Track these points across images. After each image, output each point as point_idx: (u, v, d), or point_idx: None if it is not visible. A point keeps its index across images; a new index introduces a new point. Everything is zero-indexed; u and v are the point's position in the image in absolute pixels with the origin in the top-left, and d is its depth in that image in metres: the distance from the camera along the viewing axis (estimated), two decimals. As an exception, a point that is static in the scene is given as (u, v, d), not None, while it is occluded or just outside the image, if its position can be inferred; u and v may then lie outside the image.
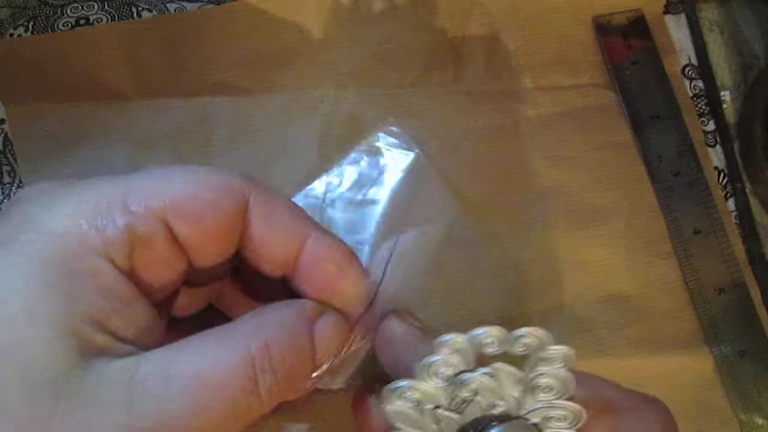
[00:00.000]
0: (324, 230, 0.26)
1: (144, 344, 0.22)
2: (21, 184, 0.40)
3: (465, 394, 0.24)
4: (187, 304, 0.28)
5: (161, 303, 0.25)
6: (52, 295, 0.20)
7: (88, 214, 0.22)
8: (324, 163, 0.40)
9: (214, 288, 0.29)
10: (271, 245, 0.25)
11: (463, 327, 0.25)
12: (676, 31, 0.47)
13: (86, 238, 0.21)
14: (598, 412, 0.25)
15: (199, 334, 0.22)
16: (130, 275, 0.22)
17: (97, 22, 0.42)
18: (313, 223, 0.26)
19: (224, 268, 0.26)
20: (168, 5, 0.42)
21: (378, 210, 0.38)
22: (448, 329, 0.25)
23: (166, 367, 0.21)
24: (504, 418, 0.24)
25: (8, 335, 0.20)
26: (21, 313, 0.20)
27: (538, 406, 0.24)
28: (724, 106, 0.46)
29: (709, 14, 0.47)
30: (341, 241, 0.26)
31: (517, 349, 0.24)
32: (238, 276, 0.29)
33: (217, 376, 0.21)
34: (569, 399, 0.24)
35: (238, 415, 0.22)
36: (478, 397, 0.24)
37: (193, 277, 0.26)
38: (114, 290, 0.22)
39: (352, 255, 0.26)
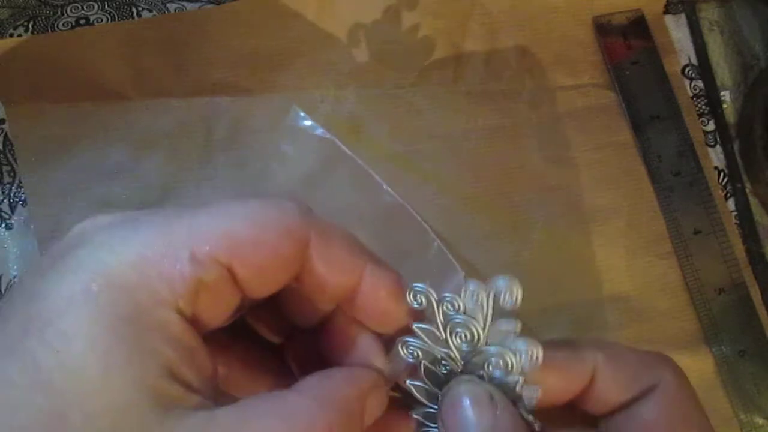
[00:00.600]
0: (379, 260, 0.26)
1: (208, 392, 0.22)
2: (21, 184, 0.40)
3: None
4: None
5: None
6: (125, 349, 0.20)
7: (155, 262, 0.21)
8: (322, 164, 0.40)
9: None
10: (328, 282, 0.25)
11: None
12: (676, 31, 0.47)
13: (155, 290, 0.21)
14: (613, 371, 0.26)
15: (257, 399, 0.22)
16: (193, 322, 0.22)
17: (97, 22, 0.42)
18: (369, 254, 0.26)
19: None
20: (168, 5, 0.42)
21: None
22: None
23: (239, 428, 0.21)
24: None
25: (82, 389, 0.19)
26: (93, 369, 0.19)
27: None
28: (724, 106, 0.46)
29: (709, 14, 0.47)
30: (394, 271, 0.26)
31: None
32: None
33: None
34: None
35: None
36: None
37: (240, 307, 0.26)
38: (182, 341, 0.21)
39: (402, 283, 0.26)
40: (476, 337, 0.25)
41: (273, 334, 0.30)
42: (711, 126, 0.45)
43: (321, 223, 0.24)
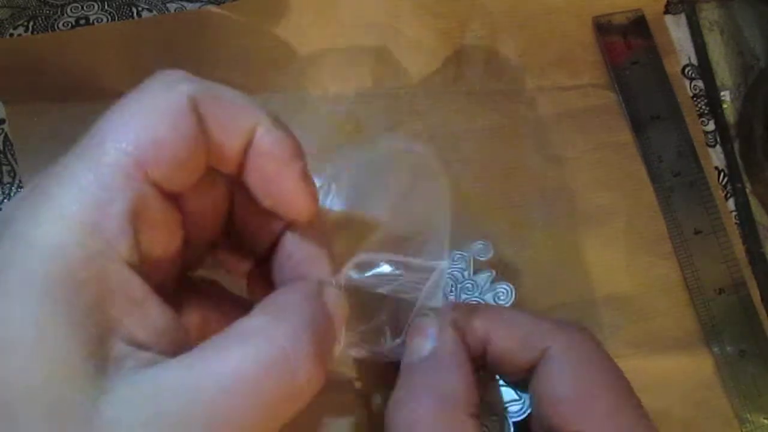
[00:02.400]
0: (274, 121, 0.24)
1: (162, 345, 0.21)
2: (21, 184, 0.40)
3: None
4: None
5: (166, 289, 0.24)
6: (60, 313, 0.19)
7: (75, 215, 0.20)
8: (324, 164, 0.40)
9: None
10: (223, 141, 0.23)
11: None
12: (676, 31, 0.47)
13: (85, 243, 0.20)
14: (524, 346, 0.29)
15: (216, 336, 0.21)
16: (142, 266, 0.21)
17: (97, 22, 0.42)
18: (263, 114, 0.24)
19: (214, 234, 0.27)
20: (168, 5, 0.42)
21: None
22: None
23: (195, 375, 0.20)
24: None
25: (16, 363, 0.18)
26: (28, 338, 0.19)
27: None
28: (724, 106, 0.46)
29: (709, 14, 0.47)
30: (290, 133, 0.25)
31: None
32: (229, 240, 0.28)
33: (252, 377, 0.20)
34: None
35: (279, 414, 0.21)
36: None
37: (189, 252, 0.25)
38: (125, 291, 0.20)
39: (297, 152, 0.25)
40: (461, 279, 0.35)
41: (237, 271, 0.29)
42: (711, 126, 0.45)
43: (205, 85, 0.23)
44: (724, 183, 0.44)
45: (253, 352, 0.21)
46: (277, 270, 0.27)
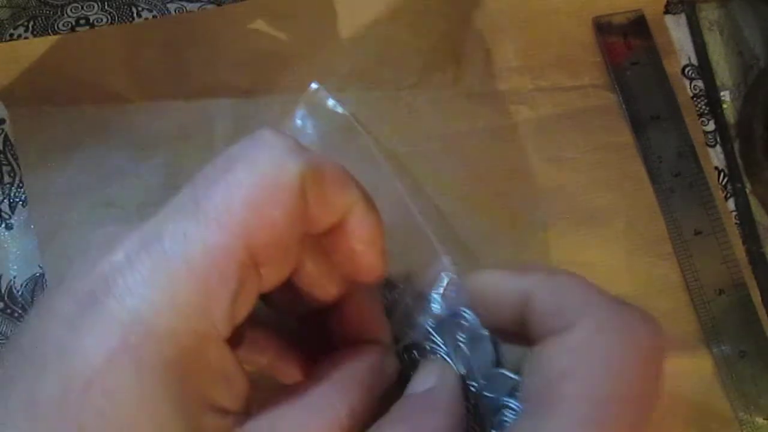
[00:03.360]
0: (369, 203, 0.25)
1: (243, 405, 0.22)
2: (21, 184, 0.40)
3: None
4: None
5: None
6: (173, 399, 0.19)
7: (189, 299, 0.20)
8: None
9: None
10: (319, 217, 0.23)
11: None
12: (676, 31, 0.47)
13: (194, 328, 0.20)
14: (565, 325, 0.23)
15: (282, 396, 0.23)
16: (231, 339, 0.22)
17: (97, 22, 0.42)
18: (359, 195, 0.24)
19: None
20: (168, 5, 0.42)
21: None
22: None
23: None
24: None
25: None
26: (145, 419, 0.19)
27: None
28: (724, 106, 0.46)
29: (709, 14, 0.47)
30: (378, 216, 0.25)
31: None
32: None
33: None
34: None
35: None
36: None
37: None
38: (222, 369, 0.21)
39: (382, 232, 0.25)
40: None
41: (289, 315, 0.29)
42: (711, 126, 0.45)
43: (313, 161, 0.22)
44: (724, 183, 0.44)
45: (315, 420, 0.22)
46: (336, 323, 0.28)
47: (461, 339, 0.29)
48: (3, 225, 0.40)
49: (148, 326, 0.19)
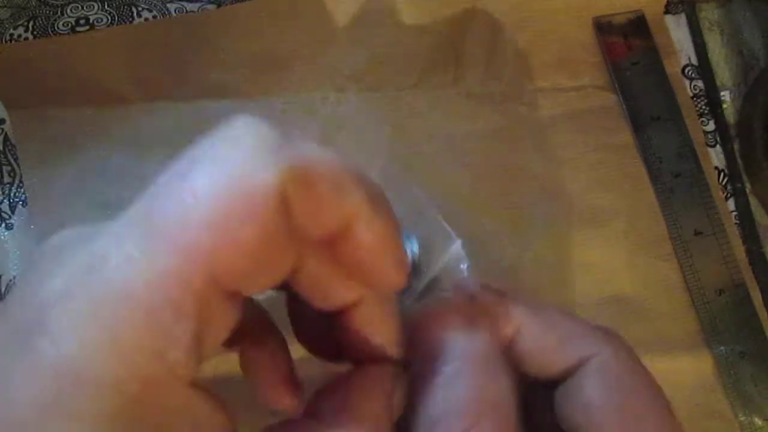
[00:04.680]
0: (374, 204, 0.20)
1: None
2: (21, 184, 0.40)
3: None
4: None
5: None
6: None
7: (142, 333, 0.17)
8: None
9: None
10: (311, 231, 0.19)
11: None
12: (676, 31, 0.47)
13: (146, 368, 0.17)
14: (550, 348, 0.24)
15: None
16: (196, 373, 0.18)
17: (97, 22, 0.42)
18: (361, 201, 0.19)
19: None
20: (168, 5, 0.42)
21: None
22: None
23: None
24: None
25: None
26: None
27: None
28: (724, 106, 0.46)
29: (709, 14, 0.47)
30: (391, 219, 0.21)
31: None
32: None
33: None
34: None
35: None
36: None
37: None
38: (186, 412, 0.18)
39: (396, 236, 0.21)
40: None
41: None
42: (711, 126, 0.45)
43: (299, 161, 0.18)
44: (724, 183, 0.44)
45: None
46: (343, 329, 0.23)
47: None
48: (3, 225, 0.40)
49: (84, 374, 0.16)
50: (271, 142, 0.18)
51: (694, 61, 0.46)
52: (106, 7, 0.42)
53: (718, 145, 0.45)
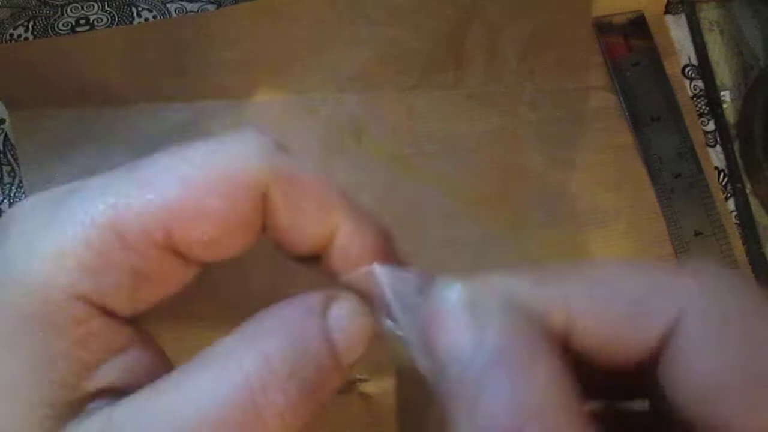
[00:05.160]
0: (357, 212, 0.21)
1: (135, 378, 0.19)
2: (21, 184, 0.40)
3: None
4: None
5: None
6: (33, 356, 0.17)
7: (75, 255, 0.18)
8: (324, 166, 0.40)
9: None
10: (297, 235, 0.20)
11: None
12: (677, 31, 0.47)
13: (73, 285, 0.18)
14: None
15: (187, 365, 0.18)
16: (131, 314, 0.19)
17: (97, 22, 0.42)
18: (344, 204, 0.21)
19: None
20: (168, 5, 0.42)
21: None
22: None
23: (144, 414, 0.17)
24: None
25: None
26: None
27: None
28: (724, 106, 0.46)
29: (709, 14, 0.47)
30: (374, 224, 0.21)
31: None
32: None
33: (206, 415, 0.17)
34: None
35: None
36: None
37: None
38: (107, 338, 0.18)
39: (385, 243, 0.21)
40: None
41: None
42: (711, 126, 0.45)
43: (284, 166, 0.20)
44: (724, 183, 0.44)
45: (213, 383, 0.17)
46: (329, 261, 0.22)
47: None
48: (3, 225, 0.40)
49: (20, 271, 0.18)
50: (268, 146, 0.20)
51: (694, 61, 0.46)
52: (106, 7, 0.42)
53: (718, 145, 0.45)
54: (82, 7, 0.42)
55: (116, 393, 0.18)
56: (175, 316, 0.35)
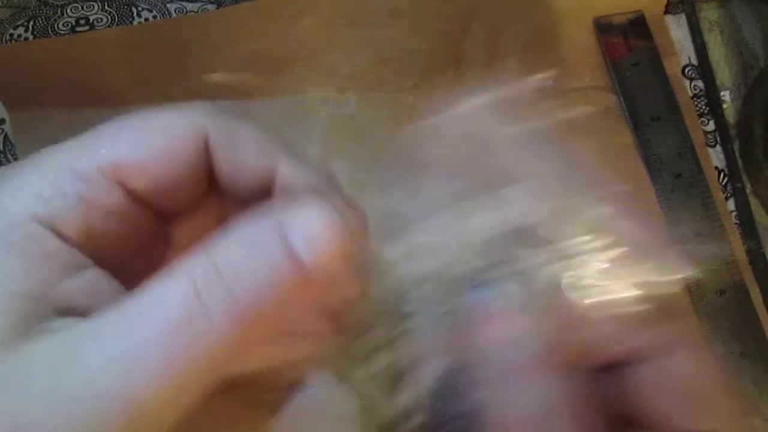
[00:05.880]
0: (296, 159, 0.22)
1: (97, 297, 0.20)
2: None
3: None
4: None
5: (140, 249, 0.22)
6: None
7: (32, 187, 0.19)
8: (324, 166, 0.40)
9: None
10: (240, 180, 0.22)
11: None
12: (677, 31, 0.47)
13: (30, 209, 0.19)
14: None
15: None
16: (87, 242, 0.20)
17: (97, 22, 0.42)
18: (283, 151, 0.22)
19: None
20: (168, 5, 0.42)
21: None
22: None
23: (100, 331, 0.17)
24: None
25: None
26: None
27: None
28: (724, 106, 0.46)
29: (709, 14, 0.47)
30: (311, 167, 0.22)
31: None
32: None
33: (156, 321, 0.17)
34: None
35: (193, 356, 0.17)
36: None
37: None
38: (64, 258, 0.19)
39: (325, 183, 0.22)
40: None
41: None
42: (711, 126, 0.45)
43: (223, 117, 0.22)
44: (724, 183, 0.44)
45: (161, 293, 0.17)
46: None
47: None
48: (3, 226, 0.40)
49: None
50: (209, 107, 0.22)
51: (694, 61, 0.46)
52: (106, 7, 0.42)
53: (718, 145, 0.45)
54: (82, 7, 0.42)
55: (78, 315, 0.19)
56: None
